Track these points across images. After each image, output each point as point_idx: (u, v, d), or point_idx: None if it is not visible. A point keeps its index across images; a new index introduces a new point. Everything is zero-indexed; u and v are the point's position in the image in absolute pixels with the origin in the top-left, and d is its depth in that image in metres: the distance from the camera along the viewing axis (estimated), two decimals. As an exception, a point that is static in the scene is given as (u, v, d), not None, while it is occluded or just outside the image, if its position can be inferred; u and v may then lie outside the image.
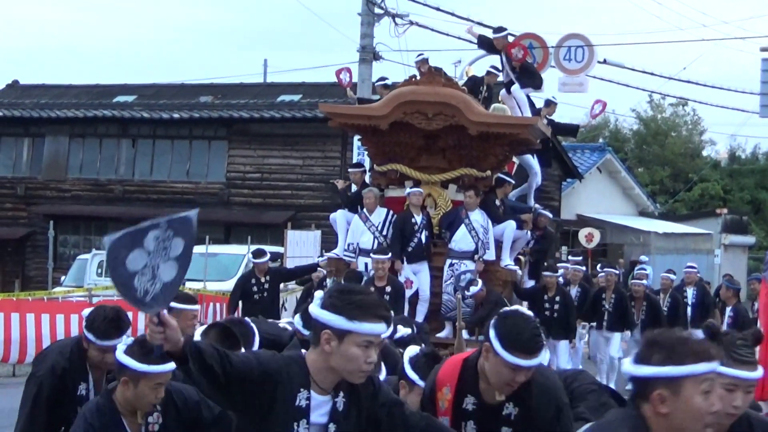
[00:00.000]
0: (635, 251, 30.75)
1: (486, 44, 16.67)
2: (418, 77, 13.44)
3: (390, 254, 12.56)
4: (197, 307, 7.31)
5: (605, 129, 51.48)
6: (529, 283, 13.93)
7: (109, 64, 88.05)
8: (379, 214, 12.83)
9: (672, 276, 17.32)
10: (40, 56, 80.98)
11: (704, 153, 53.60)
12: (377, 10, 22.82)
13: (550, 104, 16.14)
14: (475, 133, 12.67)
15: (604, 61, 27.44)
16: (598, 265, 19.06)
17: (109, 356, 6.41)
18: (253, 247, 16.87)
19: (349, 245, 13.18)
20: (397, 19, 15.73)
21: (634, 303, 15.89)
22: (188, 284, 15.98)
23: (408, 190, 12.67)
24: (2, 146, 34.97)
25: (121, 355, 5.81)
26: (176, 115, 31.74)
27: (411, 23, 18.15)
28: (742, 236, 42.11)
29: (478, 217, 12.59)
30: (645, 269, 18.17)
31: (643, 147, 51.83)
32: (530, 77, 16.70)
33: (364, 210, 12.93)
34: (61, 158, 34.11)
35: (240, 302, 15.61)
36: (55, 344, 7.99)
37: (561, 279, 15.47)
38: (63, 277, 23.98)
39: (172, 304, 6.12)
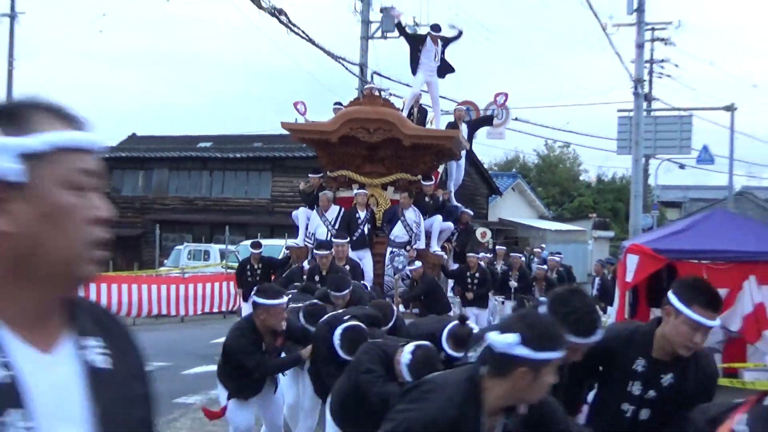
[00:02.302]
0: (536, 242, 31.00)
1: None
2: (361, 100, 13.15)
3: (348, 239, 11.98)
4: (284, 300, 6.85)
5: (516, 163, 54.74)
6: (455, 266, 13.83)
7: (194, 120, 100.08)
8: (332, 212, 12.59)
9: (557, 258, 17.07)
10: (148, 113, 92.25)
11: (581, 178, 57.90)
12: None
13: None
14: (408, 144, 12.28)
15: (516, 119, 28.49)
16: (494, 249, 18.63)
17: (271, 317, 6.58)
18: (290, 242, 16.24)
19: (307, 234, 12.86)
20: (382, 92, 14.92)
21: (535, 283, 15.32)
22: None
23: (355, 191, 12.46)
24: (126, 176, 36.66)
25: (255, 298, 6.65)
26: (238, 155, 34.09)
27: (391, 95, 17.64)
28: (605, 232, 45.69)
29: (411, 214, 12.32)
30: (557, 258, 17.61)
31: (542, 174, 55.59)
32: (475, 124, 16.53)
33: (320, 207, 12.65)
34: (163, 184, 35.97)
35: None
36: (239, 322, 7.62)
37: (481, 262, 14.76)
38: (165, 261, 26.18)
39: (262, 300, 6.28)
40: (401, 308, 10.86)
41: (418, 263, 11.46)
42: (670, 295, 3.76)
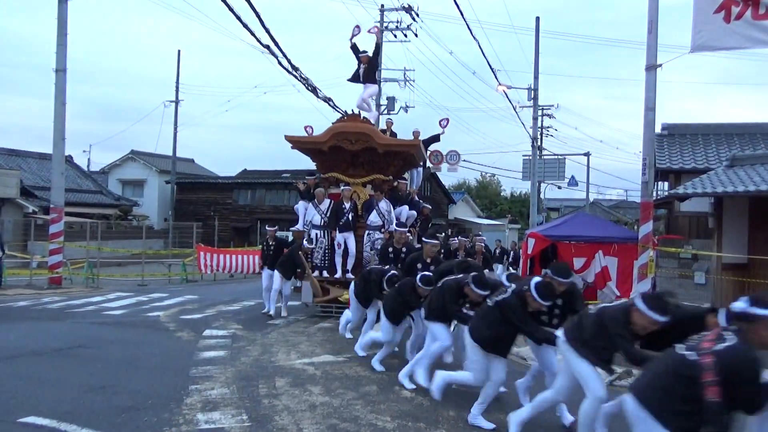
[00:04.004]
0: (476, 231, 31.14)
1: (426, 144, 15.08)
2: (345, 118, 12.68)
3: (408, 228, 11.38)
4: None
5: (464, 185, 58.78)
6: (417, 246, 11.35)
7: (281, 159, 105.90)
8: (325, 204, 12.01)
9: (481, 243, 15.42)
10: (254, 157, 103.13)
11: (502, 194, 62.16)
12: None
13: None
14: (381, 152, 11.90)
15: (464, 160, 29.30)
16: (458, 236, 17.19)
17: None
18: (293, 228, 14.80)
19: (306, 221, 12.41)
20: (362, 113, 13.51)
21: (475, 256, 14.09)
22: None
23: (342, 187, 12.06)
24: (241, 194, 36.97)
25: None
26: (278, 181, 36.55)
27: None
28: (515, 225, 49.02)
29: (383, 204, 11.79)
30: (482, 242, 15.88)
31: (479, 192, 59.49)
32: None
33: (315, 200, 12.15)
34: (262, 198, 36.62)
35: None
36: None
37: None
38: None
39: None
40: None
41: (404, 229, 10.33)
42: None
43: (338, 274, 12.08)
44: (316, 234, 12.22)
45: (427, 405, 6.00)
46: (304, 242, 11.77)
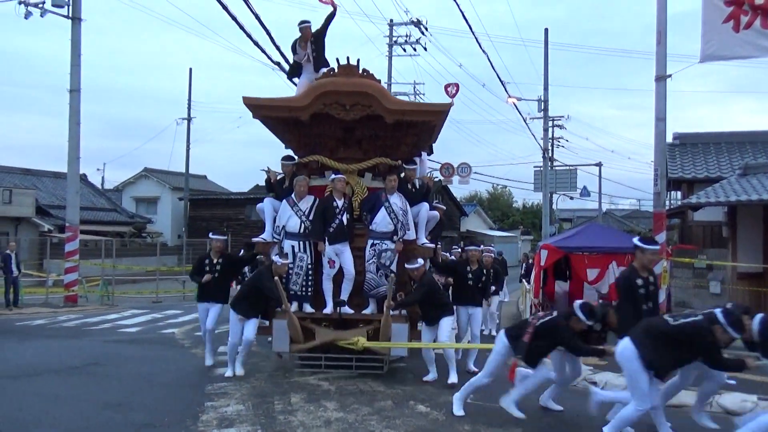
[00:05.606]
0: (488, 243, 27.41)
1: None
2: (336, 71, 8.48)
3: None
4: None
5: (476, 197, 58.47)
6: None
7: None
8: (307, 201, 8.14)
9: (490, 254, 12.30)
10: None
11: (513, 205, 63.34)
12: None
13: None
14: (391, 122, 7.99)
15: (476, 173, 31.24)
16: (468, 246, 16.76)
17: None
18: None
19: (276, 228, 8.38)
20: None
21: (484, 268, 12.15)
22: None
23: (332, 176, 8.19)
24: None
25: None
26: None
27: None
28: (528, 236, 52.02)
29: (396, 200, 8.00)
30: (491, 253, 12.90)
31: (491, 204, 60.27)
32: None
33: (293, 196, 8.22)
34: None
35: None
36: None
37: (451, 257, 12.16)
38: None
39: None
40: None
41: (420, 261, 7.76)
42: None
43: (328, 309, 8.20)
44: (293, 246, 8.21)
45: (443, 420, 5.98)
46: (275, 258, 7.83)
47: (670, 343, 4.88)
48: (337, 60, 8.58)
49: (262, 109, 8.36)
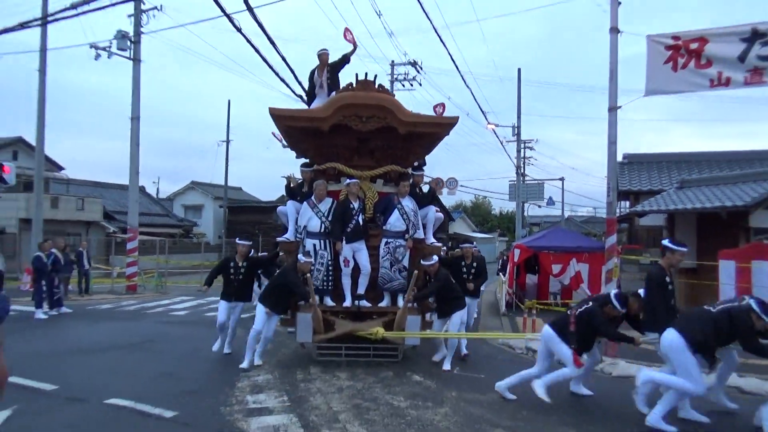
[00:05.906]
0: (471, 244, 29.04)
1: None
2: (354, 85, 7.81)
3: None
4: None
5: (461, 205, 57.78)
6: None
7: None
8: (326, 203, 7.53)
9: (473, 248, 11.06)
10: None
11: (492, 212, 62.31)
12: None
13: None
14: (404, 132, 7.41)
15: (461, 185, 31.94)
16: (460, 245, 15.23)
17: None
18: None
19: (297, 228, 7.78)
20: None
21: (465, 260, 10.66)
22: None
23: (347, 181, 7.59)
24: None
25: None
26: None
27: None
28: (504, 238, 50.98)
29: (408, 202, 7.56)
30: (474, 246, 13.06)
31: (473, 211, 59.41)
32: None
33: (313, 198, 7.58)
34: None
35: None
36: None
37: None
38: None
39: None
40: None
41: (435, 258, 7.35)
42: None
43: (347, 302, 7.63)
44: (314, 245, 7.60)
45: (434, 387, 5.97)
46: (300, 257, 7.18)
47: (713, 329, 4.64)
48: (356, 75, 7.93)
49: (285, 119, 7.63)
